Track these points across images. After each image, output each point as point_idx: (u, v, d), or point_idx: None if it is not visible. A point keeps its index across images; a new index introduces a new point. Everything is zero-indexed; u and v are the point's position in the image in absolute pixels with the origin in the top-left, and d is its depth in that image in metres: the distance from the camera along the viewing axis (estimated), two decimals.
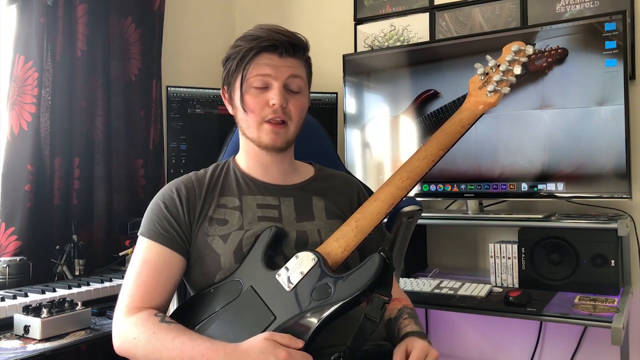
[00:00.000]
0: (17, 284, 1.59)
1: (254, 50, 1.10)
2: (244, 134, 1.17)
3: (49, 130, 1.84)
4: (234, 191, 1.15)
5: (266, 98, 1.11)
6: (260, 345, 0.90)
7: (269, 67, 1.10)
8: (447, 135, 1.04)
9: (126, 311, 1.03)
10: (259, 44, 1.10)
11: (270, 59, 1.11)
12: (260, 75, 1.10)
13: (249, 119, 1.12)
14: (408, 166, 1.04)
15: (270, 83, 1.11)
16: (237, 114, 1.16)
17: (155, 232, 1.08)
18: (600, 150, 1.78)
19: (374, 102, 2.24)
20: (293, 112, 1.13)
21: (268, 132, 1.12)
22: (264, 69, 1.10)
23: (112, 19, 2.09)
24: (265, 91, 1.11)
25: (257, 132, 1.12)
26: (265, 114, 1.11)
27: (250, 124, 1.13)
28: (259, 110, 1.11)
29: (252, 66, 1.11)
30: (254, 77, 1.11)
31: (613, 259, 1.70)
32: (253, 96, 1.11)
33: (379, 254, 0.96)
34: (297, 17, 2.69)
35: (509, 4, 2.18)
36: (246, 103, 1.11)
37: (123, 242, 1.92)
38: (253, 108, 1.11)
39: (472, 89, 1.07)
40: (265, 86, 1.11)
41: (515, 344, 2.18)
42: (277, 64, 1.11)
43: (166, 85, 2.24)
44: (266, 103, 1.11)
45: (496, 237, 2.12)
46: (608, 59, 1.77)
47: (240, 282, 1.03)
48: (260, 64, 1.10)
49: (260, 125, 1.12)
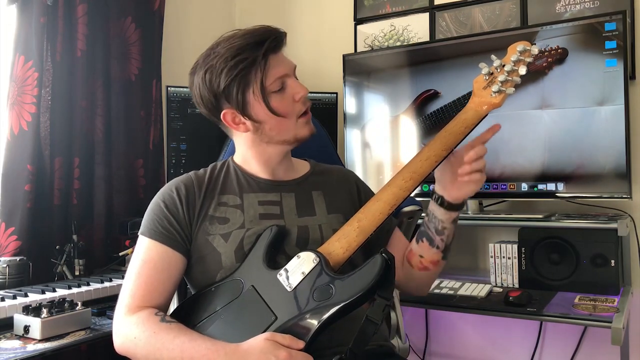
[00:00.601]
0: (17, 284, 1.59)
1: (259, 58, 1.06)
2: (270, 141, 1.12)
3: (49, 130, 1.84)
4: (235, 189, 1.15)
5: (289, 95, 1.10)
6: (261, 346, 0.90)
7: (281, 66, 1.09)
8: (450, 135, 1.04)
9: (127, 310, 1.03)
10: (265, 48, 1.06)
11: (276, 58, 1.09)
12: (279, 78, 1.09)
13: (284, 122, 1.10)
14: (411, 167, 1.04)
15: (285, 81, 1.10)
16: (263, 126, 1.10)
17: (156, 231, 1.08)
18: (600, 150, 1.78)
19: (374, 102, 2.24)
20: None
21: (304, 124, 1.12)
22: (279, 70, 1.09)
23: (112, 19, 2.08)
24: (283, 91, 1.10)
25: (294, 130, 1.12)
26: (298, 110, 1.11)
27: (287, 126, 1.11)
28: (291, 109, 1.10)
29: (269, 72, 1.07)
30: (273, 83, 1.08)
31: (613, 259, 1.70)
32: (279, 99, 1.09)
33: (380, 255, 0.95)
34: (297, 17, 2.69)
35: (509, 4, 2.18)
36: (276, 109, 1.08)
37: (123, 242, 1.92)
38: (286, 110, 1.09)
39: (477, 89, 1.05)
40: (281, 87, 1.10)
41: (515, 344, 2.18)
42: (282, 59, 1.11)
43: (166, 85, 2.24)
44: (292, 100, 1.10)
45: (496, 237, 2.12)
46: (608, 59, 1.77)
47: (241, 281, 1.03)
48: (273, 66, 1.08)
49: (296, 121, 1.11)
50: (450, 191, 1.07)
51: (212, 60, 1.07)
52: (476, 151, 1.03)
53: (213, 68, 1.07)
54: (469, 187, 1.05)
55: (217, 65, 1.06)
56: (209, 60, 1.08)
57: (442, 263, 1.17)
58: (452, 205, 1.08)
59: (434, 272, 1.17)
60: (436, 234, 1.11)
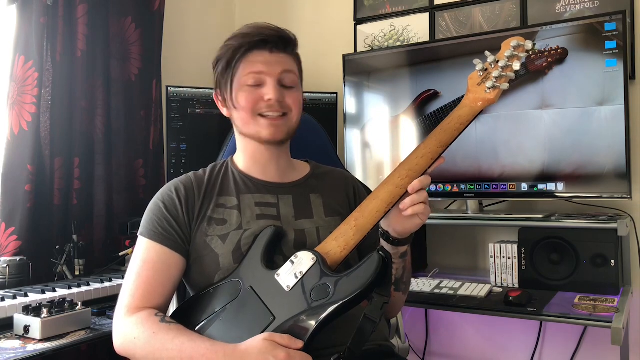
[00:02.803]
0: (17, 284, 1.60)
1: (243, 47, 1.10)
2: (241, 132, 1.16)
3: (49, 130, 1.84)
4: (232, 190, 1.15)
5: (260, 94, 1.10)
6: (260, 346, 0.90)
7: (261, 63, 1.10)
8: (445, 132, 1.03)
9: (126, 311, 1.03)
10: (248, 40, 1.10)
11: (261, 55, 1.10)
12: (253, 73, 1.10)
13: (242, 115, 1.12)
14: (407, 164, 1.03)
15: (263, 80, 1.10)
16: (232, 114, 1.15)
17: (155, 232, 1.08)
18: (600, 150, 1.78)
19: (374, 102, 2.24)
20: (291, 104, 1.12)
21: (266, 125, 1.11)
22: (256, 66, 1.10)
23: (112, 19, 2.09)
24: (259, 88, 1.10)
25: (254, 127, 1.12)
26: (259, 107, 1.11)
27: (245, 119, 1.12)
28: (252, 105, 1.10)
29: (243, 64, 1.10)
30: (246, 75, 1.10)
31: (613, 259, 1.70)
32: (247, 93, 1.10)
33: (377, 253, 0.95)
34: (297, 17, 2.69)
35: (509, 4, 2.18)
36: (238, 100, 1.11)
37: (123, 242, 1.93)
38: (245, 103, 1.10)
39: (471, 86, 1.05)
40: (259, 84, 1.10)
41: (515, 344, 2.18)
42: (269, 59, 1.10)
43: (166, 85, 2.24)
44: (260, 98, 1.10)
45: (496, 237, 2.12)
46: (608, 59, 1.77)
47: (239, 282, 1.03)
48: (251, 61, 1.10)
49: (255, 118, 1.11)
50: (395, 226, 1.04)
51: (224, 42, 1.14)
52: (421, 180, 1.00)
53: (220, 48, 1.14)
54: (413, 221, 1.01)
55: (222, 46, 1.14)
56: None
57: (398, 295, 1.15)
58: (398, 241, 1.06)
59: (394, 302, 1.14)
60: None
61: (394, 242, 1.06)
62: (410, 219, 1.01)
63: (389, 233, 1.06)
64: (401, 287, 1.15)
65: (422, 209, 0.99)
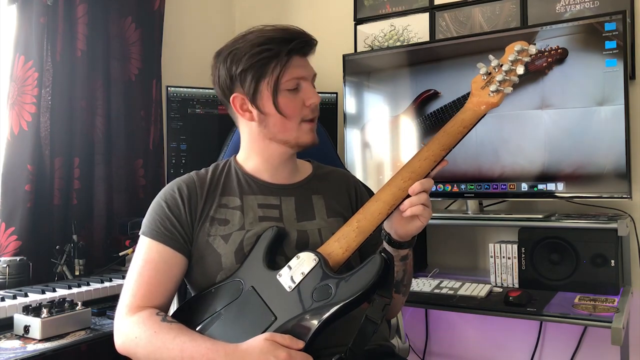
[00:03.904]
0: (17, 284, 1.59)
1: (286, 53, 1.09)
2: (272, 138, 1.14)
3: (49, 130, 1.84)
4: (235, 191, 1.15)
5: (300, 98, 1.12)
6: (261, 346, 0.91)
7: (301, 68, 1.11)
8: (449, 135, 1.03)
9: (127, 310, 1.03)
10: (287, 46, 1.08)
11: (300, 60, 1.12)
12: (295, 78, 1.11)
13: (287, 122, 1.11)
14: (410, 167, 1.03)
15: (300, 84, 1.12)
16: (268, 120, 1.12)
17: (157, 231, 1.08)
18: (600, 150, 1.78)
19: (374, 102, 2.24)
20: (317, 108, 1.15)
21: (308, 131, 1.13)
22: (298, 71, 1.11)
23: (112, 19, 2.08)
24: (296, 92, 1.12)
25: (295, 133, 1.13)
26: (304, 114, 1.12)
27: (289, 126, 1.12)
28: (298, 112, 1.11)
29: (287, 69, 1.09)
30: (289, 81, 1.10)
31: (613, 259, 1.70)
32: (289, 99, 1.11)
33: (379, 255, 0.96)
34: (297, 17, 2.69)
35: (509, 4, 2.18)
36: (282, 107, 1.10)
37: (123, 242, 1.92)
38: (292, 111, 1.11)
39: (475, 89, 1.05)
40: (295, 87, 1.11)
41: (515, 344, 2.18)
42: (304, 64, 1.13)
43: (166, 85, 2.24)
44: (301, 103, 1.12)
45: (496, 237, 2.12)
46: (608, 59, 1.77)
47: (241, 282, 1.03)
48: (294, 66, 1.10)
49: (299, 125, 1.12)
50: (397, 228, 1.04)
51: (239, 44, 1.10)
52: (422, 182, 1.00)
53: (237, 50, 1.10)
54: (414, 223, 1.01)
55: (242, 48, 1.09)
56: (236, 44, 1.11)
57: (398, 297, 1.16)
58: (399, 243, 1.06)
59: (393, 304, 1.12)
60: None
61: (395, 244, 1.06)
62: (411, 221, 1.01)
63: (390, 235, 1.06)
64: (401, 290, 1.15)
65: (421, 210, 0.99)
